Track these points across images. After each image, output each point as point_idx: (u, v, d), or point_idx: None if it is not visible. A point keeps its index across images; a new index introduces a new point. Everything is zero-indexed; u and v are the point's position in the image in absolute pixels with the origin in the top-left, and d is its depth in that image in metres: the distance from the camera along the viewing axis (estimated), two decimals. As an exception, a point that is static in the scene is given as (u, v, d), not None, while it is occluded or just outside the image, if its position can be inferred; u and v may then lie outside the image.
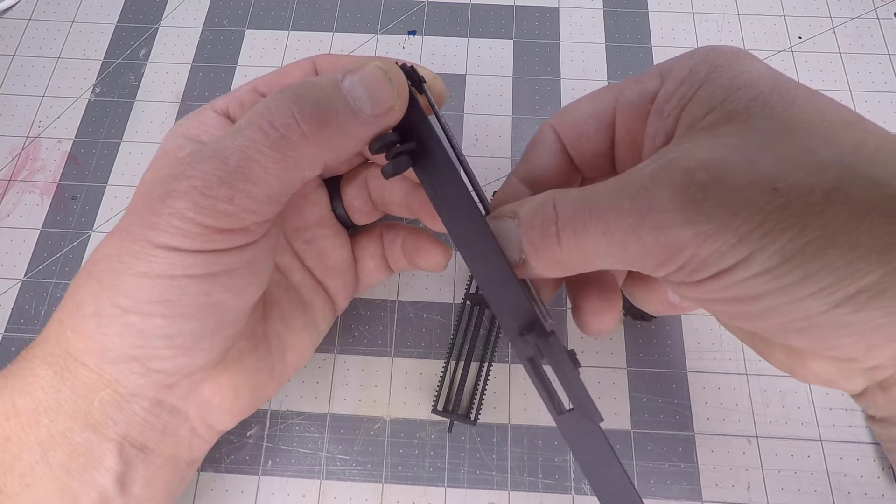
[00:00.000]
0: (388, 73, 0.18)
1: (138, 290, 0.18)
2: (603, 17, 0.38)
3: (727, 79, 0.16)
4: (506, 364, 0.29)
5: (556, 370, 0.18)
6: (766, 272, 0.14)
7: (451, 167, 0.18)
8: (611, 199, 0.16)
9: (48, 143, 0.35)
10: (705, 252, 0.14)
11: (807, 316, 0.14)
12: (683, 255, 0.15)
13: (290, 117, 0.17)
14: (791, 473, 0.27)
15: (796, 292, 0.14)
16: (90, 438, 0.19)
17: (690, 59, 0.18)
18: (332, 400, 0.29)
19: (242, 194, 0.17)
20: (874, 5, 0.38)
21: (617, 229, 0.15)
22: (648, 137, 0.19)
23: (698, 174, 0.14)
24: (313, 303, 0.25)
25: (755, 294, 0.14)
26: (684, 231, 0.14)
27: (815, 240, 0.13)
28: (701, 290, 0.16)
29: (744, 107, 0.16)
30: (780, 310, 0.14)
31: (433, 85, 0.22)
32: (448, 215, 0.19)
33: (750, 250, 0.14)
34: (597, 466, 0.18)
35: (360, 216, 0.27)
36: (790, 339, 0.16)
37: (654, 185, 0.15)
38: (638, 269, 0.16)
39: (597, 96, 0.21)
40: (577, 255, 0.17)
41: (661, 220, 0.15)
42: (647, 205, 0.15)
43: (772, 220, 0.13)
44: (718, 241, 0.14)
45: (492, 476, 0.27)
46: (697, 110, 0.17)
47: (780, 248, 0.13)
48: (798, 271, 0.13)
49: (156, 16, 0.39)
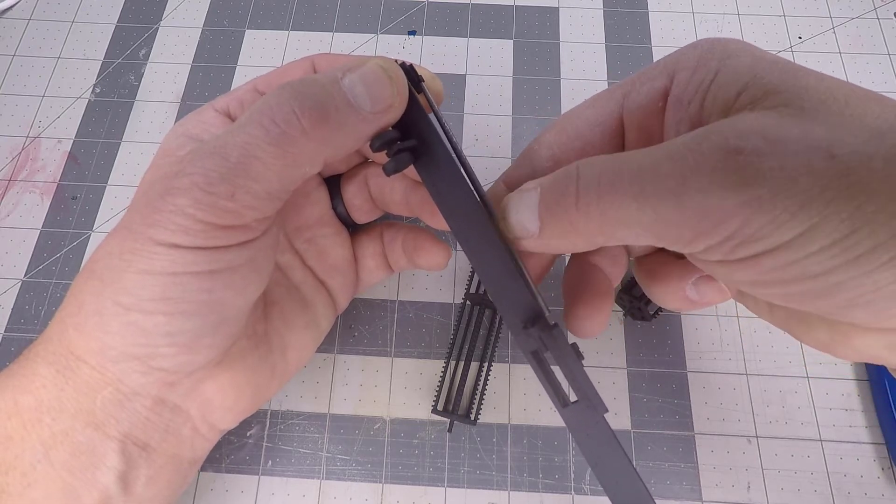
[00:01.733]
0: (387, 70, 0.18)
1: (140, 287, 0.18)
2: (603, 17, 0.38)
3: (748, 60, 0.16)
4: (506, 364, 0.29)
5: (560, 362, 0.18)
6: (834, 245, 0.13)
7: (452, 163, 0.19)
8: (647, 161, 0.15)
9: (48, 143, 0.35)
10: (758, 222, 0.13)
11: (876, 288, 0.13)
12: (730, 226, 0.13)
13: (290, 113, 0.17)
14: (791, 473, 0.27)
15: (868, 264, 0.13)
16: (92, 437, 0.19)
17: (694, 50, 0.17)
18: (332, 400, 0.29)
19: (243, 191, 0.17)
20: (874, 5, 0.38)
21: (653, 192, 0.14)
22: (670, 129, 0.18)
23: (752, 137, 0.13)
24: (314, 301, 0.25)
25: (820, 270, 0.13)
26: (735, 197, 0.13)
27: (883, 206, 0.12)
28: (747, 269, 0.14)
29: (775, 85, 0.15)
30: (846, 285, 0.13)
31: (431, 84, 0.22)
32: (449, 211, 0.19)
33: (813, 221, 0.13)
34: (602, 458, 0.18)
35: (361, 215, 0.27)
36: (851, 315, 0.14)
37: (702, 145, 0.14)
38: (668, 243, 0.15)
39: (597, 102, 0.20)
40: (598, 222, 0.15)
41: (707, 182, 0.13)
42: (692, 166, 0.14)
43: (834, 186, 0.12)
44: (776, 209, 0.13)
45: (492, 476, 0.27)
46: (726, 93, 0.16)
47: (847, 217, 0.12)
48: (868, 241, 0.12)
49: (156, 16, 0.39)
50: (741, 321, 0.30)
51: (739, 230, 0.13)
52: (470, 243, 0.18)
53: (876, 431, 0.27)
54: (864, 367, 0.29)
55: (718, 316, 0.30)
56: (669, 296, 0.20)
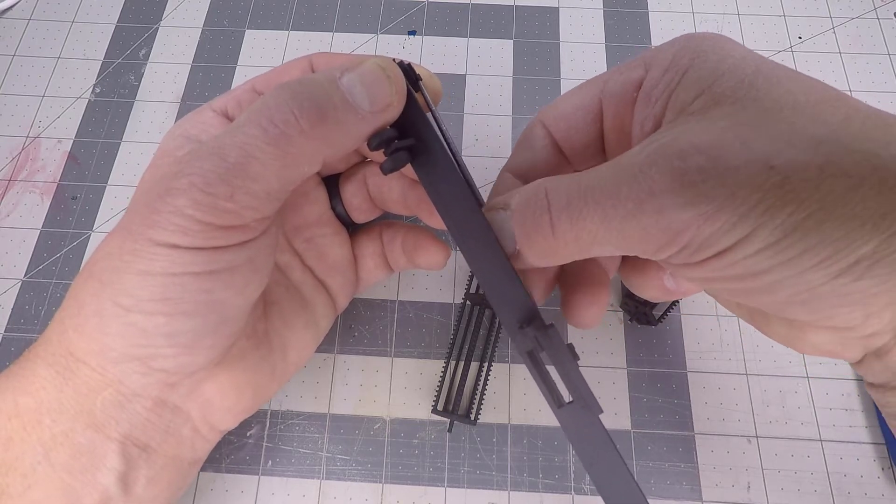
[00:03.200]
0: (385, 70, 0.18)
1: (139, 288, 0.18)
2: (603, 17, 0.38)
3: (712, 63, 0.17)
4: (506, 364, 0.29)
5: (556, 363, 0.18)
6: (768, 248, 0.14)
7: (448, 162, 0.19)
8: (607, 185, 0.16)
9: (48, 143, 0.35)
10: (707, 232, 0.14)
11: (808, 288, 0.14)
12: (685, 237, 0.15)
13: (288, 113, 0.17)
14: (791, 473, 0.27)
15: (798, 265, 0.14)
16: (92, 438, 0.19)
17: (672, 47, 0.18)
18: (332, 400, 0.29)
19: (242, 191, 0.17)
20: (874, 5, 0.38)
21: (615, 216, 0.15)
22: (637, 124, 0.19)
23: (695, 157, 0.15)
24: (314, 301, 0.25)
25: (757, 270, 0.15)
26: (685, 213, 0.14)
27: (813, 213, 0.13)
28: (703, 269, 0.16)
29: (731, 90, 0.16)
30: (783, 284, 0.15)
31: (429, 83, 0.22)
32: (446, 210, 0.19)
33: (751, 228, 0.14)
34: (597, 459, 0.18)
35: (360, 214, 0.27)
36: (792, 312, 0.16)
37: (652, 169, 0.15)
38: (637, 253, 0.16)
39: (583, 88, 0.21)
40: (573, 243, 0.17)
41: (661, 204, 0.15)
42: (646, 189, 0.15)
43: (770, 197, 0.14)
44: (720, 221, 0.14)
45: (492, 476, 0.27)
46: (685, 95, 0.17)
47: (780, 224, 0.14)
48: (799, 245, 0.14)
49: (156, 16, 0.39)
50: (741, 321, 0.30)
51: (692, 240, 0.15)
52: (466, 242, 0.19)
53: (876, 431, 0.27)
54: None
55: (718, 316, 0.30)
56: (649, 286, 0.22)
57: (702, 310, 0.30)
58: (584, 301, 0.21)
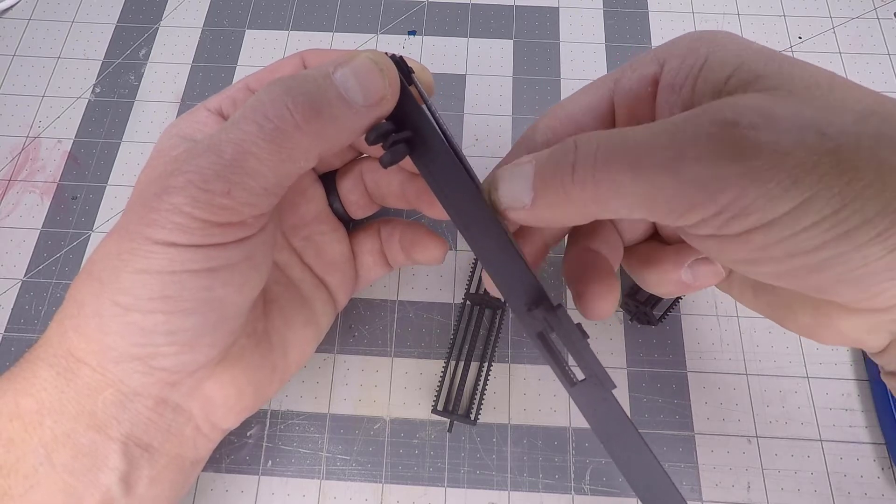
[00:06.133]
0: (378, 63, 0.18)
1: (138, 287, 0.18)
2: (603, 17, 0.38)
3: (734, 49, 0.16)
4: (506, 364, 0.29)
5: (566, 342, 0.18)
6: (826, 219, 0.13)
7: (447, 152, 0.19)
8: (644, 134, 0.15)
9: (48, 143, 0.35)
10: (752, 195, 0.13)
11: (865, 263, 0.13)
12: (724, 197, 0.13)
13: (283, 108, 0.17)
14: (791, 473, 0.27)
15: (858, 238, 0.13)
16: (94, 439, 0.19)
17: (684, 39, 0.18)
18: (332, 400, 0.29)
19: (239, 187, 0.17)
20: (874, 5, 0.38)
21: (650, 164, 0.14)
22: (662, 112, 0.18)
23: (747, 113, 0.14)
24: (313, 299, 0.25)
25: (811, 246, 0.14)
26: (732, 165, 0.13)
27: (871, 182, 0.13)
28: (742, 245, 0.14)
29: (762, 69, 0.15)
30: (838, 259, 0.14)
31: (421, 75, 0.22)
32: (447, 199, 0.19)
33: (805, 195, 0.13)
34: (613, 433, 0.18)
35: (358, 210, 0.27)
36: (838, 291, 0.15)
37: (700, 118, 0.14)
38: (661, 214, 0.15)
39: (590, 89, 0.21)
40: (592, 191, 0.15)
41: (704, 151, 0.13)
42: (690, 136, 0.14)
43: (825, 163, 0.13)
44: (770, 182, 0.13)
45: (492, 476, 0.27)
46: (717, 76, 0.16)
47: (838, 192, 0.13)
48: (858, 216, 0.13)
49: (156, 16, 0.39)
50: (741, 321, 0.30)
51: (733, 202, 0.14)
52: (470, 229, 0.19)
53: (876, 431, 0.27)
54: (864, 367, 0.29)
55: (718, 316, 0.30)
56: (664, 280, 0.20)
57: (702, 310, 0.30)
58: (599, 292, 0.20)
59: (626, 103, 0.19)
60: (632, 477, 0.18)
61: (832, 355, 0.29)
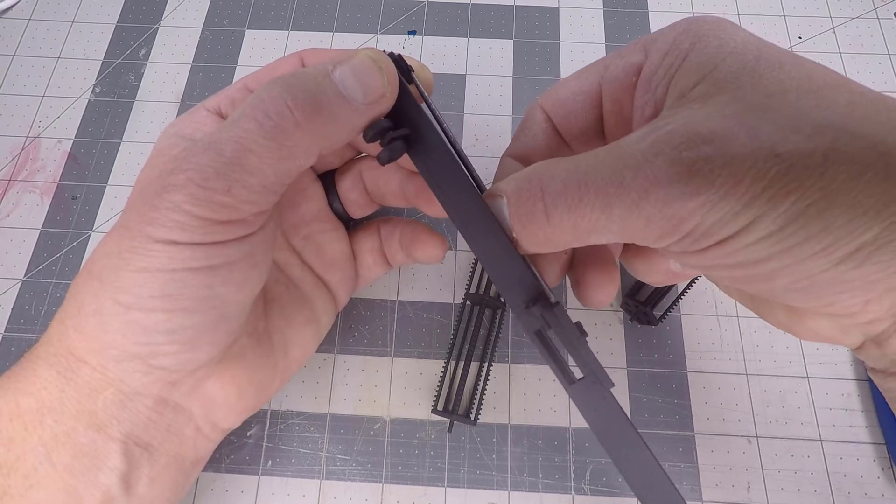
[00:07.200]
0: (377, 61, 0.18)
1: (139, 285, 0.18)
2: (603, 17, 0.38)
3: (713, 48, 0.17)
4: (506, 364, 0.29)
5: (564, 340, 0.18)
6: (770, 236, 0.14)
7: (445, 149, 0.19)
8: (609, 171, 0.16)
9: (48, 143, 0.35)
10: (710, 220, 0.14)
11: (809, 275, 0.14)
12: (687, 225, 0.15)
13: (283, 106, 0.17)
14: (791, 473, 0.27)
15: (800, 253, 0.14)
16: (94, 438, 0.19)
17: (672, 31, 0.18)
18: (332, 400, 0.29)
19: (239, 185, 0.17)
20: (874, 5, 0.38)
21: (618, 204, 0.15)
22: (637, 109, 0.19)
23: (702, 146, 0.14)
24: (314, 298, 0.25)
25: (759, 258, 0.15)
26: (690, 201, 0.14)
27: (816, 201, 0.13)
28: (704, 257, 0.16)
29: (733, 75, 0.16)
30: (784, 271, 0.15)
31: (421, 73, 0.22)
32: (445, 196, 0.19)
33: (754, 216, 0.14)
34: (611, 431, 0.18)
35: (357, 209, 0.27)
36: (792, 299, 0.16)
37: (658, 158, 0.15)
38: (637, 241, 0.16)
39: (583, 73, 0.21)
40: (571, 231, 0.16)
41: (666, 193, 0.15)
42: (651, 178, 0.15)
43: (775, 185, 0.14)
44: (724, 209, 0.14)
45: (492, 476, 0.27)
46: (686, 80, 0.17)
47: (783, 212, 0.14)
48: (801, 233, 0.14)
49: (156, 16, 0.39)
50: (741, 321, 0.30)
51: (696, 228, 0.15)
52: (468, 227, 0.19)
53: (876, 431, 0.27)
54: (863, 367, 0.29)
55: (718, 316, 0.30)
56: (654, 271, 0.21)
57: (702, 310, 0.30)
58: (598, 279, 0.20)
59: (611, 91, 0.20)
60: (630, 476, 0.18)
61: (832, 355, 0.29)
